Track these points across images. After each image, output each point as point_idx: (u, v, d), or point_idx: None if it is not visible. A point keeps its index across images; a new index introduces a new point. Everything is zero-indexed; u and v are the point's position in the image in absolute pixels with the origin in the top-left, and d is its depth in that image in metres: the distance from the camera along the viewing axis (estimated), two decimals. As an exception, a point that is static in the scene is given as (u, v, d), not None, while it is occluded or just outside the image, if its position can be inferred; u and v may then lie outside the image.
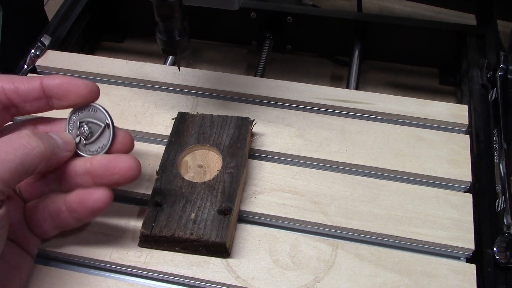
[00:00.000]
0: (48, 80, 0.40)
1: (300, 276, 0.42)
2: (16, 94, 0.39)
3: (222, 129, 0.49)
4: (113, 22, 0.77)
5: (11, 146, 0.35)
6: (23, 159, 0.35)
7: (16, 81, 0.39)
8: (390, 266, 0.43)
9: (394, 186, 0.48)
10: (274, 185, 0.48)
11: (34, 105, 0.40)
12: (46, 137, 0.37)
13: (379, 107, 0.54)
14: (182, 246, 0.43)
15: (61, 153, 0.39)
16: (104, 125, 0.41)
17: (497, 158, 0.51)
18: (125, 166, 0.39)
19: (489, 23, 0.66)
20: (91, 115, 0.41)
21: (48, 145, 0.37)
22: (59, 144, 0.39)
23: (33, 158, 0.35)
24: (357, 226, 0.45)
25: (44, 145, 0.36)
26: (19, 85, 0.39)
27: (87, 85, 0.40)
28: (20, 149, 0.35)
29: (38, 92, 0.40)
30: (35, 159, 0.35)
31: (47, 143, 0.37)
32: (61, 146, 0.39)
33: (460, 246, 0.44)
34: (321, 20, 0.69)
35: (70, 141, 0.40)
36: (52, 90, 0.40)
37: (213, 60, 0.76)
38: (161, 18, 0.44)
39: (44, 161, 0.36)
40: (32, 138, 0.36)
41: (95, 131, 0.41)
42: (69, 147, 0.40)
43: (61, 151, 0.39)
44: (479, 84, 0.59)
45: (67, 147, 0.40)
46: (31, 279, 0.42)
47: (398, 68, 0.74)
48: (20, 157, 0.34)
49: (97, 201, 0.38)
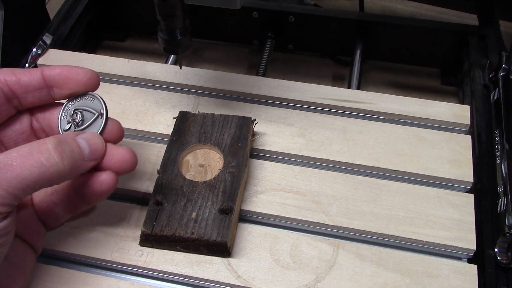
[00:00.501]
0: (49, 70, 0.40)
1: (301, 276, 0.42)
2: (18, 85, 0.39)
3: (224, 128, 0.49)
4: (115, 21, 0.77)
5: (28, 161, 0.34)
6: (38, 177, 0.34)
7: (17, 72, 0.40)
8: (391, 266, 0.43)
9: (395, 186, 0.48)
10: (275, 184, 0.48)
11: (35, 96, 0.40)
12: (69, 150, 0.36)
13: (381, 107, 0.54)
14: (183, 246, 0.43)
15: (84, 165, 0.37)
16: (97, 113, 0.41)
17: (499, 158, 0.51)
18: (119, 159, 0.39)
19: (491, 23, 0.66)
20: (87, 104, 0.41)
21: (68, 163, 0.35)
22: (85, 155, 0.37)
23: (49, 176, 0.34)
24: (358, 226, 0.45)
25: (64, 164, 0.35)
26: (21, 76, 0.39)
27: (87, 73, 0.40)
28: (37, 166, 0.34)
29: (39, 82, 0.40)
30: (51, 178, 0.35)
31: (68, 160, 0.35)
32: (86, 157, 0.37)
33: (462, 247, 0.44)
34: (323, 20, 0.69)
35: (99, 148, 0.39)
36: (52, 79, 0.40)
37: (215, 60, 0.76)
38: (162, 17, 0.44)
39: (61, 178, 0.36)
40: (53, 155, 0.35)
41: (87, 119, 0.41)
42: (96, 155, 0.38)
43: (84, 163, 0.37)
44: (481, 84, 0.59)
45: (94, 156, 0.38)
46: (33, 278, 0.42)
47: (400, 68, 0.74)
48: (36, 175, 0.34)
49: (102, 184, 0.38)
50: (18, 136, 0.42)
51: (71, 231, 0.45)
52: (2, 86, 0.39)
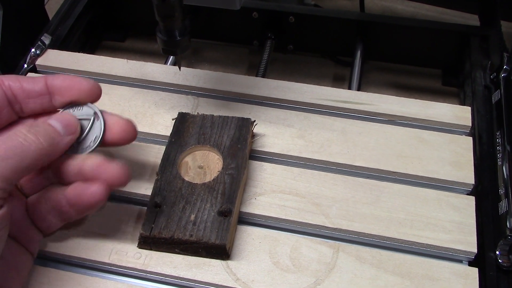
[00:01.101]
0: (52, 78, 0.41)
1: (301, 278, 0.42)
2: (21, 90, 0.40)
3: (223, 129, 0.49)
4: (115, 21, 0.77)
5: (9, 143, 0.35)
6: (22, 156, 0.35)
7: (21, 79, 0.41)
8: (391, 269, 0.43)
9: (396, 188, 0.48)
10: (275, 186, 0.47)
11: (37, 102, 0.41)
12: (43, 129, 0.37)
13: (381, 108, 0.54)
14: (181, 248, 0.43)
15: (62, 140, 0.39)
16: (92, 117, 0.41)
17: (500, 160, 0.50)
18: (111, 174, 0.39)
19: (493, 24, 0.66)
20: (77, 114, 0.41)
21: (45, 138, 0.37)
22: (59, 131, 0.39)
23: (32, 154, 0.36)
24: (358, 229, 0.45)
25: (41, 140, 0.37)
26: (24, 82, 0.41)
27: (89, 82, 0.42)
28: (18, 146, 0.35)
29: (41, 88, 0.41)
30: (34, 155, 0.36)
31: (44, 137, 0.37)
32: (61, 132, 0.39)
33: (462, 249, 0.44)
34: (323, 20, 0.69)
35: (72, 123, 0.40)
36: (55, 86, 0.41)
37: (214, 60, 0.76)
38: (161, 17, 0.43)
39: (44, 155, 0.37)
40: (29, 135, 0.36)
41: (84, 127, 0.41)
42: (71, 129, 0.39)
43: (62, 138, 0.39)
44: (482, 85, 0.59)
45: (69, 130, 0.39)
46: (30, 280, 0.42)
47: (400, 69, 0.74)
48: (19, 155, 0.35)
49: (93, 195, 0.38)
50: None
51: (68, 233, 0.44)
52: (5, 90, 0.40)
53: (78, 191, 0.39)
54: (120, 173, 0.39)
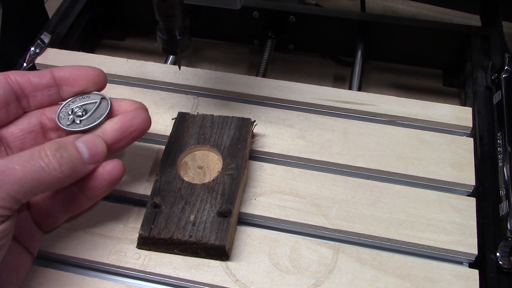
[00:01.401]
0: (58, 70, 0.42)
1: (300, 280, 0.42)
2: (29, 84, 0.41)
3: (223, 129, 0.48)
4: (115, 20, 0.77)
5: (29, 165, 0.34)
6: (39, 181, 0.34)
7: (28, 73, 0.41)
8: (391, 270, 0.43)
9: (396, 189, 0.47)
10: (275, 187, 0.47)
11: (45, 94, 0.41)
12: (68, 156, 0.36)
13: (382, 109, 0.53)
14: (180, 249, 0.42)
15: (84, 169, 0.38)
16: (99, 100, 0.42)
17: (501, 161, 0.50)
18: (140, 121, 0.40)
19: (494, 24, 0.66)
20: (84, 100, 0.42)
21: (68, 167, 0.36)
22: (85, 159, 0.37)
23: (50, 181, 0.35)
24: (359, 230, 0.45)
25: (63, 169, 0.36)
26: (31, 76, 0.41)
27: (95, 70, 0.43)
28: (38, 171, 0.34)
29: (49, 80, 0.41)
30: (52, 182, 0.35)
31: (68, 165, 0.36)
32: (86, 160, 0.38)
33: (463, 251, 0.43)
34: (324, 20, 0.69)
35: (99, 151, 0.38)
36: (62, 77, 0.41)
37: (215, 59, 0.75)
38: (161, 16, 0.43)
39: (62, 183, 0.36)
40: (52, 160, 0.35)
41: (89, 109, 0.42)
42: (96, 158, 0.38)
43: (84, 167, 0.38)
44: (483, 86, 0.59)
45: (94, 159, 0.38)
46: (28, 281, 0.42)
47: (401, 69, 0.74)
48: (37, 179, 0.34)
49: (113, 171, 0.39)
50: (25, 135, 0.42)
51: (67, 233, 0.44)
52: (12, 84, 0.40)
53: (96, 172, 0.39)
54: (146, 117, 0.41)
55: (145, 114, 0.41)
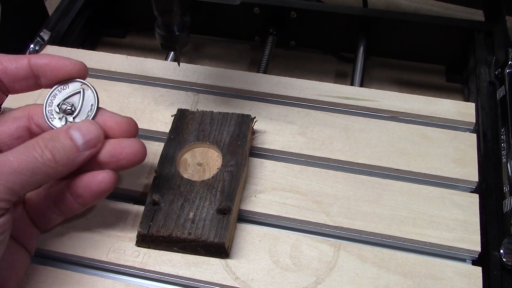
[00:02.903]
0: (36, 58, 0.40)
1: (301, 277, 0.41)
2: (5, 74, 0.39)
3: (222, 126, 0.48)
4: (115, 17, 0.76)
5: (24, 158, 0.34)
6: (35, 172, 0.34)
7: (4, 60, 0.39)
8: (393, 268, 0.42)
9: (398, 185, 0.47)
10: (275, 184, 0.47)
11: (23, 84, 0.40)
12: (61, 146, 0.36)
13: (384, 105, 0.53)
14: (180, 246, 0.42)
15: (80, 156, 0.37)
16: (81, 90, 0.40)
17: (504, 157, 0.49)
18: (131, 151, 0.38)
19: (498, 20, 0.65)
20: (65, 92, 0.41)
21: (61, 156, 0.36)
22: (79, 146, 0.37)
23: (45, 171, 0.35)
24: (360, 227, 0.44)
25: (57, 159, 0.35)
26: (7, 64, 0.39)
27: (75, 64, 0.40)
28: (33, 161, 0.34)
29: (26, 71, 0.39)
30: (47, 174, 0.35)
31: (61, 154, 0.36)
32: (81, 147, 0.37)
33: (466, 248, 0.43)
34: (326, 16, 0.68)
35: (95, 136, 0.38)
36: (40, 68, 0.40)
37: (216, 56, 0.75)
38: (159, 12, 0.43)
39: (58, 173, 0.36)
40: (45, 151, 0.35)
41: (76, 102, 0.40)
42: (92, 143, 0.38)
43: (80, 154, 0.37)
44: (487, 81, 0.58)
45: (90, 145, 0.38)
46: (27, 279, 0.41)
47: (404, 65, 0.73)
48: (31, 170, 0.34)
49: (101, 183, 0.38)
50: (13, 141, 0.41)
51: (66, 231, 0.44)
52: None
53: (86, 180, 0.38)
54: (139, 149, 0.39)
55: (141, 148, 0.39)
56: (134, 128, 0.41)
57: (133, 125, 0.41)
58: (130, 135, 0.40)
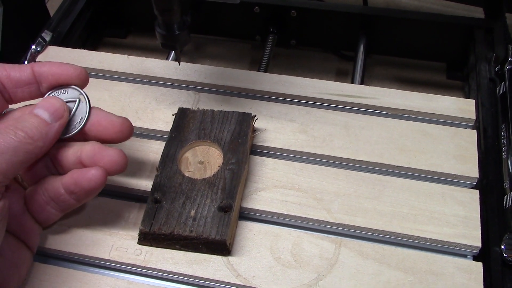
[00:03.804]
0: (39, 66, 0.41)
1: (302, 274, 0.42)
2: (9, 80, 0.40)
3: (223, 124, 0.48)
4: (116, 18, 0.76)
5: (1, 139, 0.35)
6: (15, 151, 0.35)
7: (8, 67, 0.40)
8: (394, 264, 0.42)
9: (399, 182, 0.47)
10: (276, 181, 0.47)
11: (25, 91, 0.41)
12: (30, 124, 0.37)
13: (384, 102, 0.53)
14: (181, 244, 0.42)
15: (51, 128, 0.38)
16: (77, 99, 0.41)
17: (505, 153, 0.50)
18: (109, 160, 0.39)
19: (498, 16, 0.65)
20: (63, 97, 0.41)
21: (34, 132, 0.37)
22: (47, 119, 0.38)
23: (24, 149, 0.36)
24: (361, 223, 0.44)
25: (30, 135, 0.37)
26: (11, 71, 0.40)
27: (76, 69, 0.41)
28: (11, 142, 0.35)
29: (29, 77, 0.40)
30: (26, 150, 0.36)
31: (32, 130, 0.37)
32: (49, 120, 0.38)
33: (467, 244, 0.43)
34: (326, 14, 0.68)
35: (58, 107, 0.39)
36: (42, 74, 0.41)
37: (217, 56, 0.75)
38: (159, 11, 0.43)
39: (36, 148, 0.37)
40: (17, 131, 0.36)
41: (70, 109, 0.41)
42: (58, 114, 0.39)
43: (51, 127, 0.38)
44: (487, 78, 0.58)
45: (57, 116, 0.39)
46: (30, 277, 0.42)
47: (404, 63, 0.73)
48: (12, 149, 0.35)
49: (91, 180, 0.38)
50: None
51: (69, 230, 0.44)
52: None
53: (76, 177, 0.39)
54: (118, 158, 0.39)
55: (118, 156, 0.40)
56: (128, 129, 0.41)
57: (127, 126, 0.41)
58: (124, 135, 0.41)
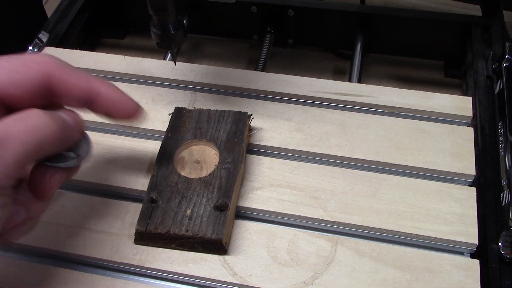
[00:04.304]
0: (99, 86, 0.37)
1: (299, 272, 0.42)
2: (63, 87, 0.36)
3: (219, 124, 0.48)
4: (114, 18, 0.76)
5: (25, 125, 0.32)
6: (39, 140, 0.32)
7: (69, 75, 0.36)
8: (391, 262, 0.42)
9: (395, 180, 0.47)
10: (273, 180, 0.47)
11: (68, 103, 0.38)
12: (58, 116, 0.34)
13: (381, 100, 0.53)
14: (178, 243, 0.42)
15: (73, 134, 0.36)
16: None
17: (502, 151, 0.49)
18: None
19: (495, 14, 0.65)
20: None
21: (60, 123, 0.34)
22: (71, 124, 0.36)
23: (49, 139, 0.33)
24: (357, 222, 0.44)
25: (57, 124, 0.34)
26: (69, 78, 0.36)
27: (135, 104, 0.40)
28: (34, 129, 0.32)
29: (82, 93, 0.37)
30: (50, 141, 0.33)
31: (59, 121, 0.34)
32: (72, 126, 0.36)
33: (464, 241, 0.43)
34: (323, 13, 0.68)
35: (79, 120, 0.37)
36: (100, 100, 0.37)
37: (214, 55, 0.75)
38: (154, 11, 0.43)
39: (58, 142, 0.34)
40: (45, 117, 0.33)
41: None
42: (79, 127, 0.37)
43: (73, 132, 0.36)
44: (484, 75, 0.58)
45: (78, 127, 0.37)
46: (27, 278, 0.42)
47: (402, 61, 0.73)
48: (35, 138, 0.32)
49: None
50: None
51: (65, 230, 0.44)
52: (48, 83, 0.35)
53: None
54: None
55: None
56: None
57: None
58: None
